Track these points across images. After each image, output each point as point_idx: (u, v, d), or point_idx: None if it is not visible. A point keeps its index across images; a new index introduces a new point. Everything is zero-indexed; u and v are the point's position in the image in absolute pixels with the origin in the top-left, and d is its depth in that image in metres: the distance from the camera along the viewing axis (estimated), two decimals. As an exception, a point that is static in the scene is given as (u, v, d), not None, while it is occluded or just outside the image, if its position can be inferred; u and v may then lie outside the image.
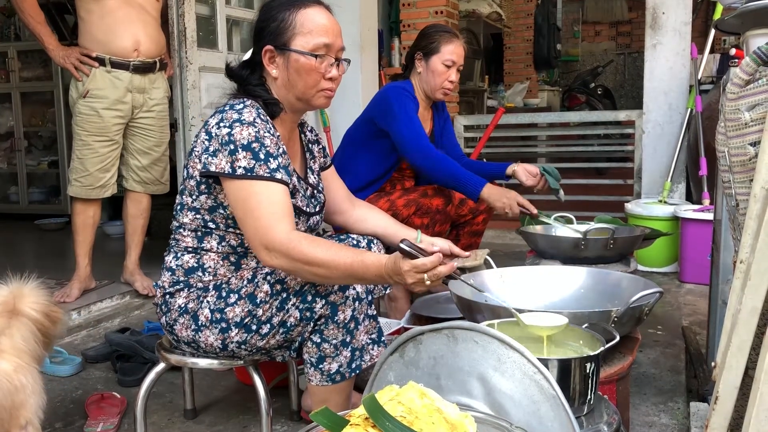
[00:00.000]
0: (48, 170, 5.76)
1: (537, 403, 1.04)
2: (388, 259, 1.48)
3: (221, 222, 1.70)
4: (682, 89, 4.20)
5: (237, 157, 1.56)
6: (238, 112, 1.62)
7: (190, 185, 1.69)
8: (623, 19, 10.80)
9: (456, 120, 5.28)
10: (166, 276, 1.75)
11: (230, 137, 1.57)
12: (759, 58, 1.17)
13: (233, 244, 1.71)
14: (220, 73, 3.50)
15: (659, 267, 3.82)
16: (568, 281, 1.94)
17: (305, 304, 1.61)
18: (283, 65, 1.70)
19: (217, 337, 1.66)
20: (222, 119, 1.61)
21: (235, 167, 1.56)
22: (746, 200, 1.17)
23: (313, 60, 1.67)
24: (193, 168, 1.67)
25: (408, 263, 1.43)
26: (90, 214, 3.02)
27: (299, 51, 1.66)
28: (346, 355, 1.66)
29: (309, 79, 1.69)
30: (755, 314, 1.08)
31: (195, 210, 1.70)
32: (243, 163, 1.56)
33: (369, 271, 1.50)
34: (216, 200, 1.68)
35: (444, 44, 2.70)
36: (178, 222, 1.75)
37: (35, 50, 5.27)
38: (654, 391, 2.22)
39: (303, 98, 1.73)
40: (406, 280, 1.45)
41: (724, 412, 1.13)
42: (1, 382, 1.47)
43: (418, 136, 2.58)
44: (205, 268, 1.71)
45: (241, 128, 1.58)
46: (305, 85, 1.70)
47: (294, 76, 1.69)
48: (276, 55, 1.70)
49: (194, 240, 1.72)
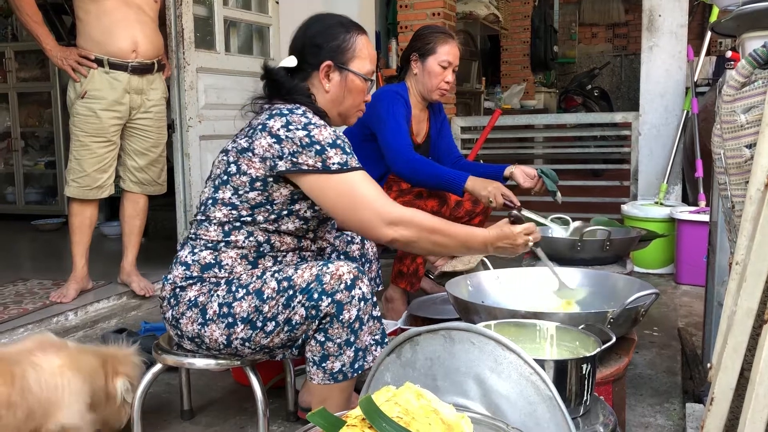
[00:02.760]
0: (45, 171, 5.75)
1: (533, 404, 1.05)
2: (491, 229, 1.75)
3: (262, 216, 1.72)
4: (678, 91, 4.21)
5: (328, 155, 1.65)
6: (303, 116, 1.69)
7: (240, 181, 1.71)
8: (620, 21, 10.83)
9: (453, 121, 5.28)
10: (178, 270, 1.75)
11: (311, 138, 1.65)
12: (755, 61, 1.17)
13: (260, 240, 1.74)
14: (218, 74, 3.54)
15: (655, 268, 3.83)
16: (564, 282, 1.94)
17: (311, 301, 1.62)
18: (337, 82, 1.82)
19: (222, 332, 1.67)
20: (289, 122, 1.67)
21: (329, 164, 1.65)
22: (742, 202, 1.17)
23: (365, 84, 1.84)
24: (248, 165, 1.70)
25: (519, 227, 1.76)
26: (87, 215, 3.02)
27: (357, 73, 1.81)
28: (350, 355, 1.67)
29: (357, 99, 1.85)
30: (751, 315, 1.09)
31: (233, 205, 1.72)
32: (336, 159, 1.65)
33: (477, 239, 1.75)
34: (268, 198, 1.71)
35: (440, 45, 2.70)
36: (204, 216, 1.76)
37: (32, 50, 5.26)
38: (650, 392, 2.22)
39: (344, 114, 1.87)
40: (517, 241, 1.76)
41: (720, 413, 1.13)
42: (42, 375, 1.62)
43: (400, 147, 2.57)
44: (222, 265, 1.73)
45: (318, 129, 1.67)
46: (352, 104, 1.85)
47: (346, 93, 1.83)
48: (333, 71, 1.81)
49: (220, 234, 1.73)
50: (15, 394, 1.56)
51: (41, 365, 1.65)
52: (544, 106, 8.69)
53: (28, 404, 1.58)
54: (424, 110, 2.88)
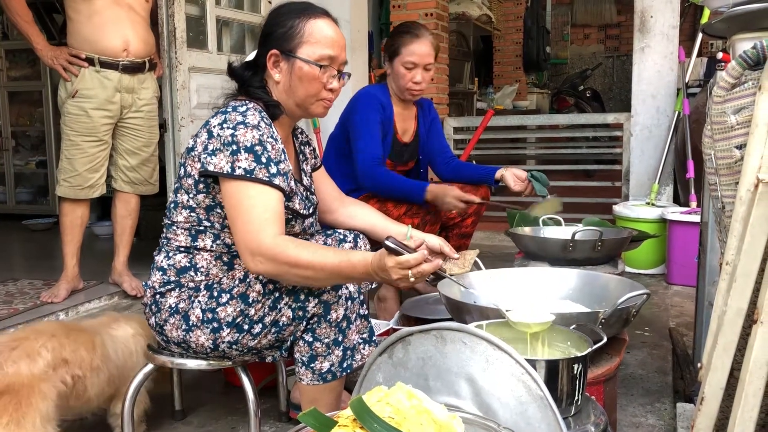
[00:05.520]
0: (36, 170, 5.73)
1: (524, 404, 1.05)
2: (374, 257, 1.50)
3: (217, 221, 1.70)
4: (669, 92, 4.23)
5: (238, 157, 1.57)
6: (242, 114, 1.63)
7: (188, 183, 1.69)
8: (612, 22, 10.86)
9: (446, 122, 5.29)
10: (156, 276, 1.74)
11: (233, 138, 1.58)
12: (745, 62, 1.18)
13: (228, 242, 1.71)
14: (210, 73, 3.53)
15: (647, 269, 3.85)
16: (556, 283, 1.95)
17: (298, 303, 1.61)
18: (286, 71, 1.72)
19: (208, 337, 1.66)
20: (225, 120, 1.62)
21: (235, 167, 1.57)
22: (732, 203, 1.18)
23: (316, 69, 1.70)
24: (191, 166, 1.68)
25: (393, 260, 1.46)
26: (78, 215, 3.00)
27: (304, 59, 1.70)
28: (338, 354, 1.66)
29: (310, 87, 1.72)
30: (740, 315, 1.09)
31: (190, 208, 1.70)
32: (244, 164, 1.57)
33: (356, 269, 1.52)
34: (214, 200, 1.68)
35: (404, 45, 2.64)
36: (170, 220, 1.74)
37: (23, 49, 5.24)
38: (641, 392, 2.23)
39: (302, 105, 1.76)
40: (391, 276, 1.47)
41: (710, 412, 1.14)
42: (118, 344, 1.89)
43: (364, 161, 2.57)
44: (197, 268, 1.71)
45: (245, 130, 1.59)
46: (306, 93, 1.73)
47: (296, 82, 1.72)
48: (281, 60, 1.73)
49: (188, 238, 1.71)
50: (97, 359, 1.80)
51: (117, 335, 1.91)
52: (537, 107, 8.72)
53: (108, 369, 1.83)
54: (409, 108, 2.85)
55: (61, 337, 1.74)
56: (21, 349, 1.65)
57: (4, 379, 1.57)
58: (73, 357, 1.73)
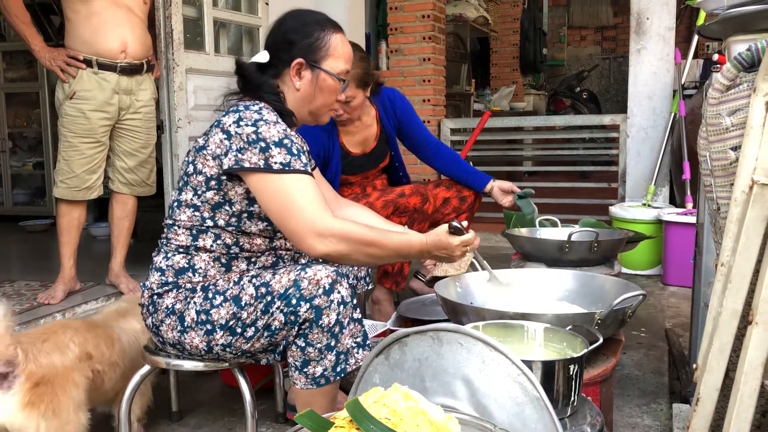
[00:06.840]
0: (33, 171, 5.71)
1: (521, 404, 1.05)
2: (429, 236, 1.71)
3: (223, 219, 1.70)
4: (665, 94, 4.24)
5: (271, 153, 1.60)
6: (257, 112, 1.66)
7: (197, 180, 1.69)
8: (608, 24, 10.89)
9: (442, 123, 5.30)
10: (154, 276, 1.74)
11: (258, 135, 1.61)
12: (740, 64, 1.19)
13: (228, 242, 1.72)
14: (207, 75, 3.53)
15: (643, 270, 3.85)
16: (552, 284, 1.95)
17: (290, 307, 1.61)
18: (309, 80, 1.78)
19: (202, 339, 1.66)
20: (241, 118, 1.64)
21: (271, 163, 1.60)
22: (727, 204, 1.19)
23: (338, 83, 1.79)
24: (203, 164, 1.68)
25: (458, 239, 1.71)
26: (75, 216, 3.00)
27: (330, 72, 1.77)
28: (331, 359, 1.66)
29: (329, 98, 1.81)
30: (736, 317, 1.10)
31: (194, 207, 1.70)
32: (279, 158, 1.61)
33: (413, 248, 1.71)
34: (225, 197, 1.69)
35: None
36: (172, 219, 1.75)
37: (20, 51, 5.24)
38: (637, 392, 2.24)
39: (315, 113, 1.83)
40: (455, 252, 1.72)
41: (705, 413, 1.14)
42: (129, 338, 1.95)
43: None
44: (195, 269, 1.71)
45: (267, 126, 1.63)
46: (323, 103, 1.81)
47: (317, 92, 1.79)
48: (304, 69, 1.77)
49: (188, 238, 1.71)
50: (115, 355, 1.86)
51: (128, 329, 1.96)
52: (533, 109, 8.73)
53: (123, 364, 1.88)
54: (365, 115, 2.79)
55: (84, 332, 1.81)
56: (51, 342, 1.71)
57: (39, 370, 1.61)
58: (96, 352, 1.80)
